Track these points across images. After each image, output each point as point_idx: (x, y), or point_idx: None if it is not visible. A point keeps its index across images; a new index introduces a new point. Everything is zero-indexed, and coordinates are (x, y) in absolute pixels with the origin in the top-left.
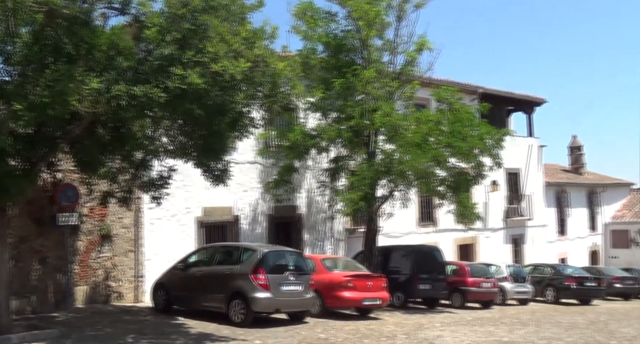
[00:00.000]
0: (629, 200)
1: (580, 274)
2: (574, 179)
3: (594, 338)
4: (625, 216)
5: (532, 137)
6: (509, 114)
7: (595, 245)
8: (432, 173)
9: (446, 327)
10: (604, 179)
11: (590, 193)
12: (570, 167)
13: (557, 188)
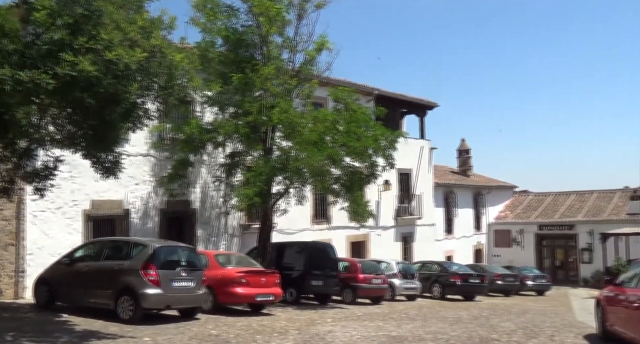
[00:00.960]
0: (511, 202)
1: (465, 271)
2: (461, 181)
3: (477, 332)
4: (508, 217)
5: (423, 139)
6: (402, 116)
7: (480, 244)
8: (327, 171)
9: (337, 322)
10: (489, 181)
11: (476, 195)
12: (459, 169)
13: (445, 189)
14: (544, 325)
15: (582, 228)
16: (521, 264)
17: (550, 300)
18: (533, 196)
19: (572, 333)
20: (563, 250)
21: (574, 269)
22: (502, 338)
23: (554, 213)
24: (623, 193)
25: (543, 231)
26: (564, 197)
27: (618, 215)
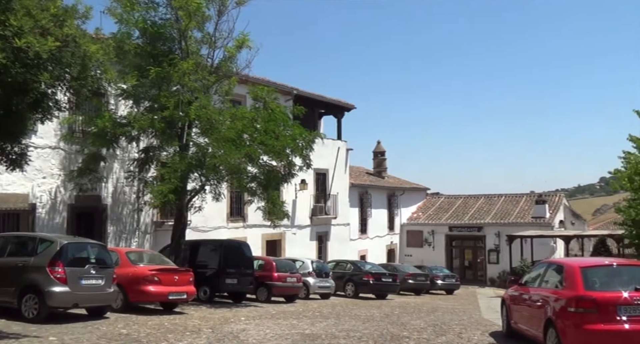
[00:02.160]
0: (424, 204)
1: (377, 270)
2: (376, 182)
3: (388, 329)
4: (420, 218)
5: (340, 140)
6: (320, 117)
7: (393, 244)
8: (244, 170)
9: (251, 320)
10: (403, 183)
11: (390, 196)
12: (374, 170)
13: (360, 190)
14: (452, 323)
15: (490, 230)
16: (432, 264)
17: (458, 299)
18: (444, 198)
19: (479, 330)
20: (472, 250)
21: (481, 269)
22: (413, 335)
23: (464, 215)
24: (529, 198)
25: (453, 232)
26: (473, 200)
27: (524, 218)
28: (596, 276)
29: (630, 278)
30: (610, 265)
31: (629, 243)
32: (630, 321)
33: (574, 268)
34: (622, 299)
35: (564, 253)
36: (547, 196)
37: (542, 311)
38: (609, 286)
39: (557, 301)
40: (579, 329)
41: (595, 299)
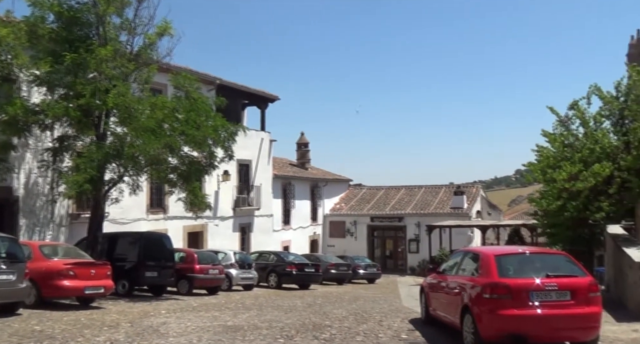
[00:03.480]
0: (346, 195)
1: (300, 261)
2: (299, 173)
3: (310, 319)
4: (343, 209)
5: (264, 131)
6: (244, 107)
7: (316, 234)
8: (164, 160)
9: (172, 314)
10: (326, 174)
11: (314, 187)
12: (297, 161)
13: (284, 181)
14: (373, 311)
15: (411, 220)
16: (354, 254)
17: (380, 288)
18: (367, 189)
19: (398, 317)
20: (393, 240)
21: (402, 258)
22: (334, 324)
23: (386, 206)
24: (448, 189)
25: (375, 222)
26: (394, 191)
27: (443, 209)
28: (510, 263)
29: (542, 265)
30: (523, 253)
31: (541, 232)
32: (541, 306)
33: (489, 256)
34: (534, 286)
35: (480, 242)
36: (465, 188)
37: (458, 298)
38: (522, 273)
39: (473, 288)
40: (493, 314)
41: (508, 285)
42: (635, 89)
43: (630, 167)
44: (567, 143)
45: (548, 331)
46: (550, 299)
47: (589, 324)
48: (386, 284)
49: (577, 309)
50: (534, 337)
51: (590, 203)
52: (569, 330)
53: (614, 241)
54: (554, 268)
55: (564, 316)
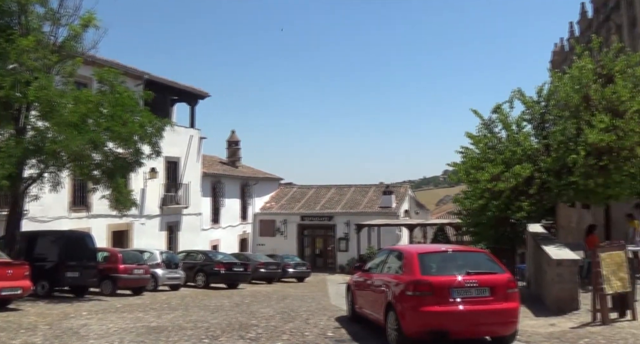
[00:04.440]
0: (277, 193)
1: (229, 260)
2: (230, 171)
3: (237, 318)
4: (273, 207)
5: (193, 128)
6: (173, 104)
7: (246, 233)
8: (88, 156)
9: (94, 315)
10: (257, 173)
11: (244, 185)
12: (228, 159)
13: (213, 179)
14: (300, 310)
15: (340, 219)
16: (284, 252)
17: (309, 286)
18: (297, 188)
19: (325, 315)
20: (323, 239)
21: (331, 257)
22: (261, 323)
23: (316, 205)
24: (377, 188)
25: (305, 221)
26: (325, 190)
27: (372, 208)
28: (433, 261)
29: (464, 263)
30: (446, 251)
31: (465, 231)
32: (463, 303)
33: (412, 255)
34: (455, 283)
35: (408, 241)
36: (394, 188)
37: (383, 295)
38: (444, 270)
39: (397, 286)
40: (415, 311)
41: (430, 283)
42: (556, 94)
43: (549, 169)
44: (490, 145)
45: (468, 327)
46: (471, 296)
47: (507, 319)
48: (315, 282)
49: (496, 304)
50: (455, 332)
51: (511, 202)
52: (489, 325)
53: (534, 240)
54: (474, 265)
55: (484, 311)
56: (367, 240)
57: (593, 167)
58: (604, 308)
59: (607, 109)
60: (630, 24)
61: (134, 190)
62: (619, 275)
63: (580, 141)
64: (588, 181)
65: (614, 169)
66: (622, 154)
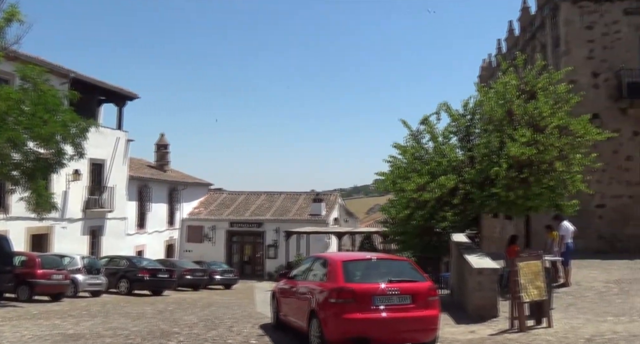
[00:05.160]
0: (206, 199)
1: (154, 266)
2: (157, 175)
3: (159, 326)
4: (202, 213)
5: (121, 130)
6: (100, 104)
7: (172, 239)
8: (7, 156)
9: (7, 322)
10: (186, 178)
11: (172, 190)
12: (156, 163)
13: (140, 183)
14: (225, 317)
15: (270, 226)
16: (212, 259)
17: (236, 293)
18: (227, 194)
19: (249, 323)
20: (252, 246)
21: (260, 264)
22: (183, 331)
23: (245, 211)
24: (307, 196)
25: (234, 228)
26: (255, 197)
27: (302, 215)
28: (357, 269)
29: (387, 271)
30: (370, 259)
31: (391, 239)
32: (384, 310)
33: (337, 262)
34: (378, 290)
35: (336, 248)
36: (324, 196)
37: (307, 302)
38: (368, 278)
39: (321, 293)
40: (338, 318)
41: (353, 290)
42: (481, 108)
43: (473, 180)
44: (417, 156)
45: (390, 334)
46: (393, 303)
47: (427, 326)
48: (243, 290)
49: (417, 312)
50: (377, 339)
51: (436, 212)
52: (410, 332)
53: (457, 249)
54: (397, 273)
55: (405, 319)
56: (296, 247)
57: (514, 179)
58: (522, 316)
59: (529, 124)
60: (554, 43)
61: (55, 193)
62: (536, 283)
63: (503, 154)
64: (509, 193)
65: (534, 182)
66: (542, 167)
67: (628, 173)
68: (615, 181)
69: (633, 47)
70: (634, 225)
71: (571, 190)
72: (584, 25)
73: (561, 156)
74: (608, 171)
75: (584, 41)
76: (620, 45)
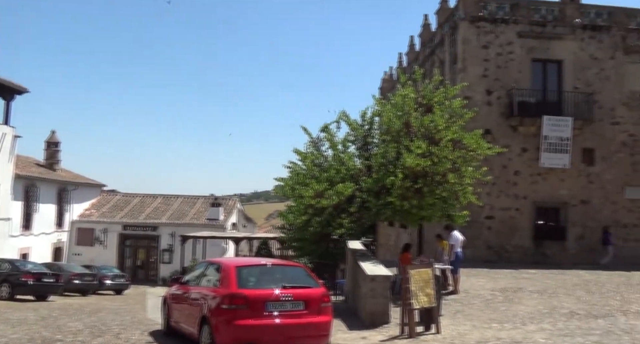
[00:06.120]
0: (98, 200)
1: (39, 270)
2: (46, 174)
3: (40, 333)
4: (93, 215)
5: (7, 125)
6: None
7: (61, 242)
8: None
9: None
10: (78, 178)
11: (61, 190)
12: (45, 161)
13: (27, 182)
14: (113, 324)
15: (165, 230)
16: (103, 263)
17: (127, 299)
18: (121, 196)
19: (139, 330)
20: (146, 250)
21: (154, 268)
22: (67, 338)
23: (140, 214)
24: (205, 200)
25: (128, 231)
26: (151, 199)
27: (199, 220)
28: (251, 275)
29: (282, 277)
30: (265, 264)
31: (288, 245)
32: (277, 316)
33: (230, 267)
34: (272, 296)
35: (234, 254)
36: (223, 200)
37: (198, 308)
38: (262, 284)
39: (213, 299)
40: (230, 324)
41: (246, 296)
42: (380, 119)
43: (370, 189)
44: (316, 163)
45: (282, 340)
46: (286, 309)
47: (319, 332)
48: (135, 295)
49: (309, 318)
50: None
51: (333, 219)
52: (302, 338)
53: (352, 256)
54: (291, 279)
55: (297, 325)
56: (192, 252)
57: (409, 189)
58: (412, 322)
59: (425, 136)
60: (452, 60)
61: None
62: (426, 291)
63: (399, 164)
64: (404, 203)
65: (428, 192)
66: (436, 179)
67: (516, 187)
68: (504, 194)
69: (525, 68)
70: (520, 236)
71: (462, 201)
72: (480, 45)
73: (454, 168)
74: (497, 184)
75: (480, 60)
76: (513, 66)
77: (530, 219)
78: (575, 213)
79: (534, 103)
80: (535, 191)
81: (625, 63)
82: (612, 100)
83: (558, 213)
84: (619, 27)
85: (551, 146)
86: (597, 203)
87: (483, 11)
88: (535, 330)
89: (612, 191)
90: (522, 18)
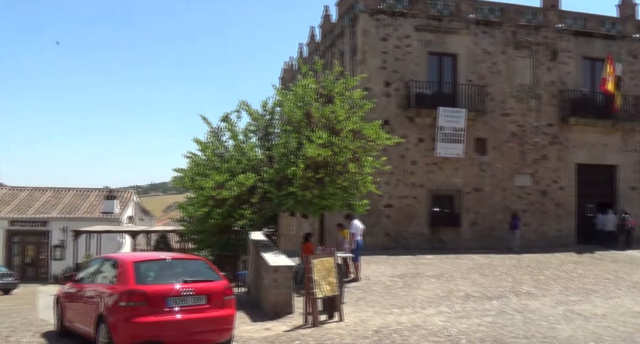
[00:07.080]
0: None
1: None
2: None
3: None
4: None
5: None
6: None
7: None
8: None
9: None
10: None
11: None
12: None
13: None
14: (1, 326)
15: (56, 224)
16: None
17: (16, 299)
18: (7, 190)
19: (30, 332)
20: (35, 246)
21: (45, 266)
22: None
23: (28, 209)
24: (99, 193)
25: (15, 227)
26: (40, 193)
27: (93, 213)
28: (150, 270)
29: (182, 271)
30: (164, 259)
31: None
32: (178, 312)
33: (127, 263)
34: (172, 292)
35: (131, 248)
36: (118, 193)
37: (94, 307)
38: (161, 279)
39: (110, 297)
40: (128, 322)
41: (145, 292)
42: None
43: (271, 179)
44: (217, 153)
45: (184, 336)
46: (187, 304)
47: (223, 326)
48: (24, 295)
49: (212, 312)
50: (170, 342)
51: (234, 210)
52: (204, 333)
53: (254, 247)
54: (192, 273)
55: (200, 320)
56: (85, 248)
57: (310, 179)
58: (315, 311)
59: (326, 127)
60: (352, 51)
61: None
62: (328, 279)
63: (300, 154)
64: (306, 193)
65: (329, 182)
66: (337, 168)
67: (413, 176)
68: (402, 183)
69: (422, 60)
70: (417, 224)
71: (362, 190)
72: (379, 37)
73: (354, 158)
74: (395, 173)
75: (379, 52)
76: (411, 58)
77: (426, 206)
78: (468, 200)
79: (430, 95)
80: (431, 180)
81: (515, 58)
82: (502, 93)
83: (453, 200)
84: (510, 23)
85: (446, 136)
86: (489, 191)
87: (382, 4)
88: (434, 313)
89: (503, 179)
90: (420, 12)
